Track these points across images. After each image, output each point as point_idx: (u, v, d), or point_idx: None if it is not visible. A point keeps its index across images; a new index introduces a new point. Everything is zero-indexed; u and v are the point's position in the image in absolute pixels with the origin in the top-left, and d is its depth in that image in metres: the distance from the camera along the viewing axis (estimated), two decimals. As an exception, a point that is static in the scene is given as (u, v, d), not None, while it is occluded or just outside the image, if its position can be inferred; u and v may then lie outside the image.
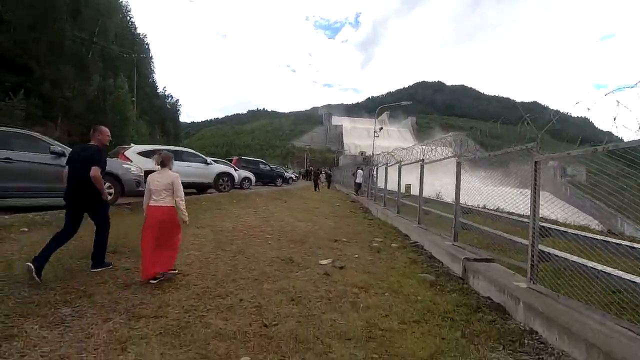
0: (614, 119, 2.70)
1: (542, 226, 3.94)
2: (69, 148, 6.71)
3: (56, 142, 7.17)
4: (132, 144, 11.14)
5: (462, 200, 5.67)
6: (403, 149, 10.49)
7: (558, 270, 3.67)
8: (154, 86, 67.01)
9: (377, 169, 13.76)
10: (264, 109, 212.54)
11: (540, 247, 3.67)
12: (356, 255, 5.45)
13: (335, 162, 75.73)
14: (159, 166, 3.90)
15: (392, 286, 4.14)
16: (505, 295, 3.60)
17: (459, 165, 5.68)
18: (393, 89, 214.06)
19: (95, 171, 3.68)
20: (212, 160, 13.50)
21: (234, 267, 4.44)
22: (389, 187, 11.25)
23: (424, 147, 10.09)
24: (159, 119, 63.46)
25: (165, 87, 78.30)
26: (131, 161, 8.95)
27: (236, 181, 13.74)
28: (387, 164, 11.58)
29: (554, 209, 4.48)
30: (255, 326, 2.84)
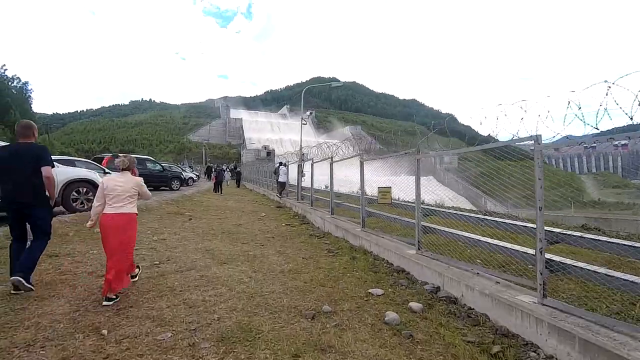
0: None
1: None
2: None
3: None
4: None
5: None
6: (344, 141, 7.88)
7: None
8: (-14, 64, 50.50)
9: (311, 164, 10.81)
10: (150, 99, 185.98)
11: None
12: (387, 369, 2.39)
13: (239, 158, 70.14)
14: (122, 170, 3.65)
15: None
16: None
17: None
18: (291, 83, 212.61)
19: (48, 171, 3.47)
20: (59, 160, 8.50)
21: None
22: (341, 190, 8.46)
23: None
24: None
25: (4, 66, 59.43)
26: None
27: (105, 192, 8.93)
28: (331, 157, 8.71)
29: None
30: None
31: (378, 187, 6.04)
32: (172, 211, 9.63)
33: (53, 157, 9.63)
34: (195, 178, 28.41)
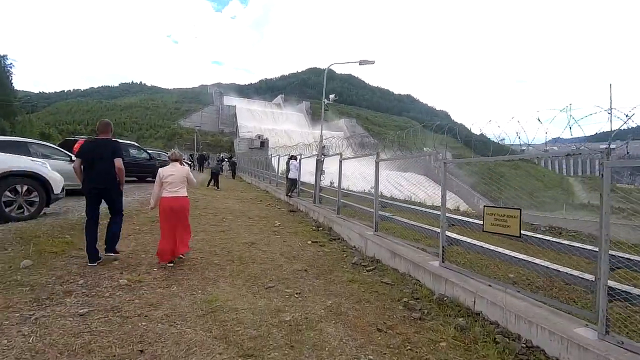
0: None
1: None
2: None
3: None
4: None
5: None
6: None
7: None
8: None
9: (339, 161, 8.49)
10: (141, 82, 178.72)
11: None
12: None
13: (231, 146, 67.10)
14: (173, 161, 4.67)
15: None
16: None
17: None
18: (286, 73, 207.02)
19: (120, 162, 4.26)
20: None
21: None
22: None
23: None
24: (-28, 82, 44.43)
25: (-19, 39, 54.71)
26: None
27: (57, 190, 6.30)
28: (377, 153, 6.42)
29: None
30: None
31: (484, 206, 3.82)
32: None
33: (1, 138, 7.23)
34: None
